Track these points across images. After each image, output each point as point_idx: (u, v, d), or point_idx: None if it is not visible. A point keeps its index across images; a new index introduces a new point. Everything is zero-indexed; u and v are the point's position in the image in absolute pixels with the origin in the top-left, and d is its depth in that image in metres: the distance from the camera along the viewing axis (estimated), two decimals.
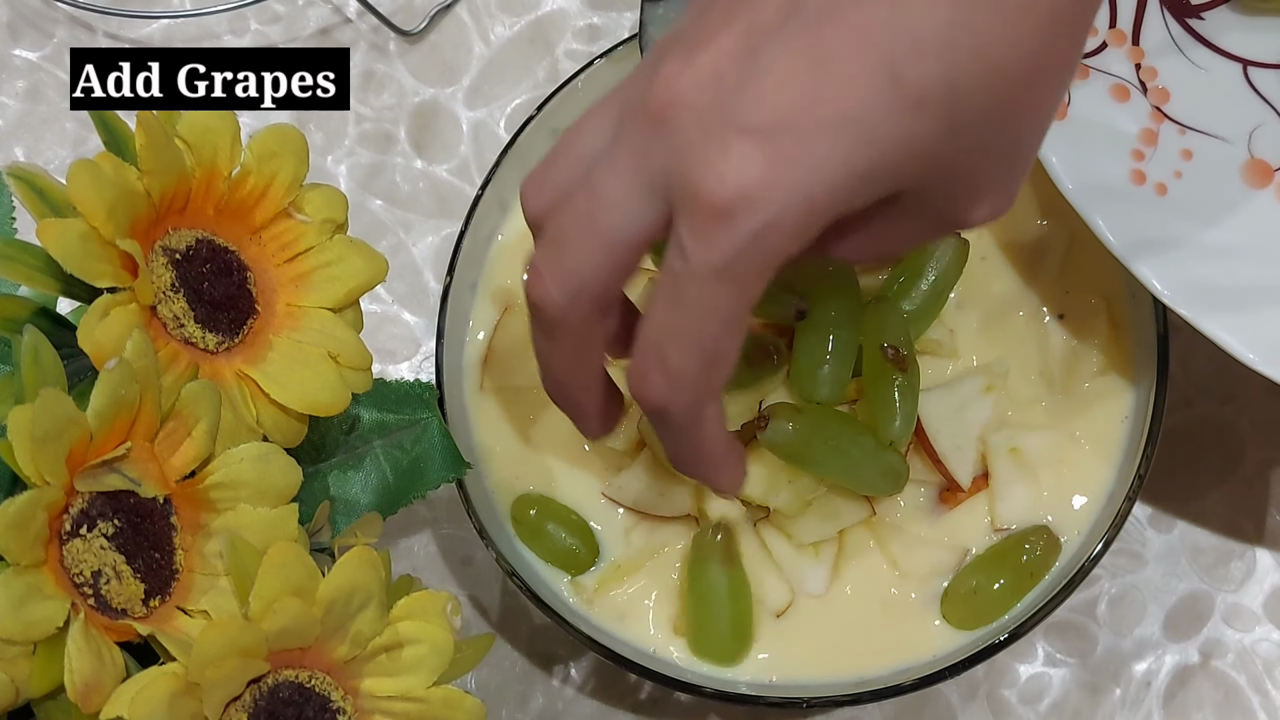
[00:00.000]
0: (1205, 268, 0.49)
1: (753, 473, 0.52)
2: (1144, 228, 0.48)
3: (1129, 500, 0.51)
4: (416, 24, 0.67)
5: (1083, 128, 0.50)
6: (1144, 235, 0.48)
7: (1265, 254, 0.50)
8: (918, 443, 0.53)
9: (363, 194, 0.65)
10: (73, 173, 0.38)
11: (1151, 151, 0.50)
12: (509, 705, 0.58)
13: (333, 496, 0.48)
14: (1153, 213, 0.49)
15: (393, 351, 0.63)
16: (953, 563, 0.52)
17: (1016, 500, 0.52)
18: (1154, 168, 0.50)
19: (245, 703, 0.38)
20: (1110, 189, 0.49)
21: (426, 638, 0.40)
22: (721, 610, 0.52)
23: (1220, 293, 0.48)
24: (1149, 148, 0.50)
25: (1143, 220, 0.49)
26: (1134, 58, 0.51)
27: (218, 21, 0.68)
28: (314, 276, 0.44)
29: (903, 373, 0.50)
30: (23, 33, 0.69)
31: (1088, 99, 0.50)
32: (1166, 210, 0.49)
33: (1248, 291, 0.49)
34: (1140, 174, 0.49)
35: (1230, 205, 0.50)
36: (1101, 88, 0.51)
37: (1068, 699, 0.57)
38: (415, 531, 0.60)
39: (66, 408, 0.36)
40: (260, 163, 0.43)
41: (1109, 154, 0.50)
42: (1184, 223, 0.49)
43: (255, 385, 0.42)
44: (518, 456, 0.55)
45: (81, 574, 0.37)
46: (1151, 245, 0.48)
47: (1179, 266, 0.48)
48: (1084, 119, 0.50)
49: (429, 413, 0.50)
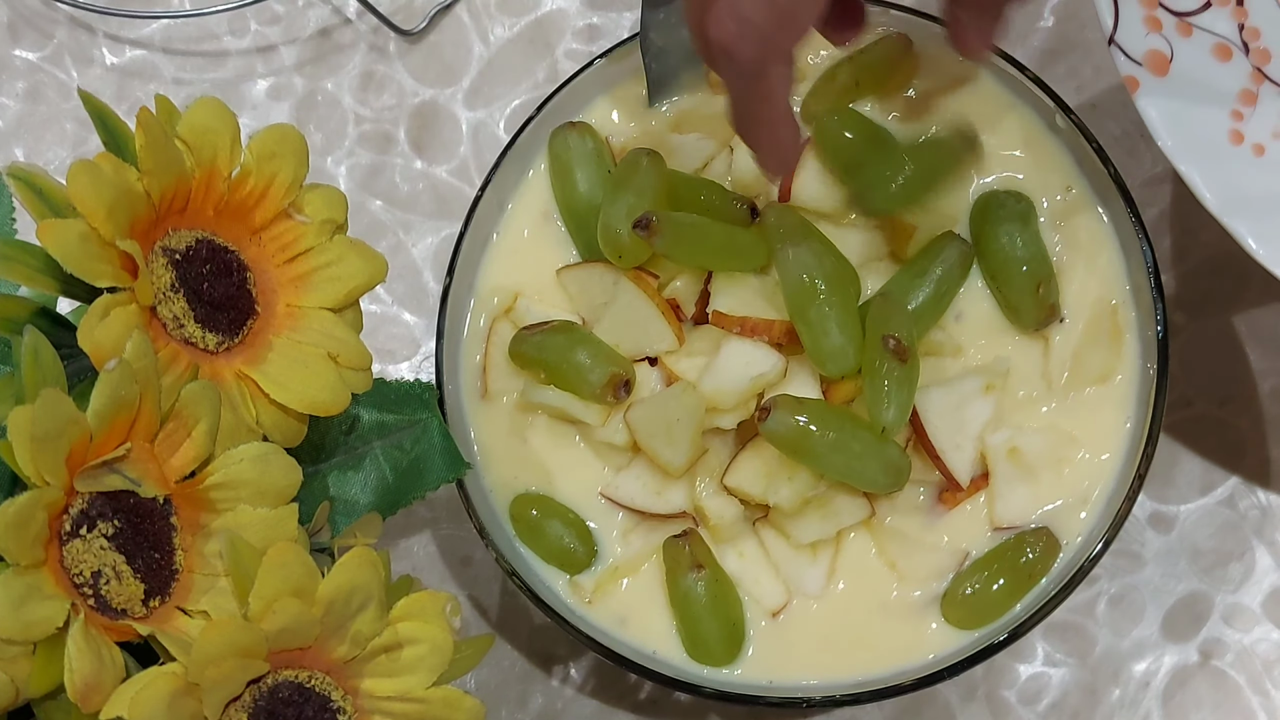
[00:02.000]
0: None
1: (751, 469, 0.52)
2: (1240, 186, 0.49)
3: (1128, 500, 0.51)
4: (416, 24, 0.67)
5: (1182, 84, 0.50)
6: (1240, 193, 0.48)
7: None
8: (918, 441, 0.53)
9: (362, 194, 0.65)
10: (72, 173, 0.38)
11: (1250, 112, 0.50)
12: (509, 705, 0.58)
13: (332, 497, 0.48)
14: (1250, 172, 0.49)
15: (392, 352, 0.63)
16: (952, 565, 0.52)
17: (1016, 500, 0.52)
18: (1253, 128, 0.50)
19: (245, 703, 0.38)
20: (1208, 146, 0.49)
21: (426, 638, 0.40)
22: (705, 615, 0.52)
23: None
24: (1248, 108, 0.50)
25: (1239, 179, 0.49)
26: (1238, 17, 0.51)
27: (217, 22, 0.68)
28: (314, 277, 0.44)
29: (902, 364, 0.50)
30: (23, 33, 0.69)
31: (1189, 56, 0.50)
32: (1264, 170, 0.49)
33: None
34: (1238, 134, 0.49)
35: None
36: (1204, 46, 0.51)
37: (1067, 699, 0.57)
38: (415, 532, 0.60)
39: (66, 408, 0.36)
40: (260, 163, 0.43)
41: (1208, 112, 0.50)
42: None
43: (255, 385, 0.42)
44: (517, 456, 0.55)
45: (81, 574, 0.37)
46: (1248, 204, 0.48)
47: (1274, 226, 0.48)
48: (1184, 76, 0.50)
49: (428, 413, 0.50)
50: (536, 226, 0.57)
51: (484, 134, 0.66)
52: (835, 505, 0.52)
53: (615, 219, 0.54)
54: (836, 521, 0.52)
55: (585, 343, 0.53)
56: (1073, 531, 0.52)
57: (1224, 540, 0.58)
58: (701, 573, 0.52)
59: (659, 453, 0.52)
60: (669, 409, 0.52)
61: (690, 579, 0.52)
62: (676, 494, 0.53)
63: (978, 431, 0.53)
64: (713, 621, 0.52)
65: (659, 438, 0.52)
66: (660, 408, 0.52)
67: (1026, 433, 0.53)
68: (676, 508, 0.53)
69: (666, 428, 0.52)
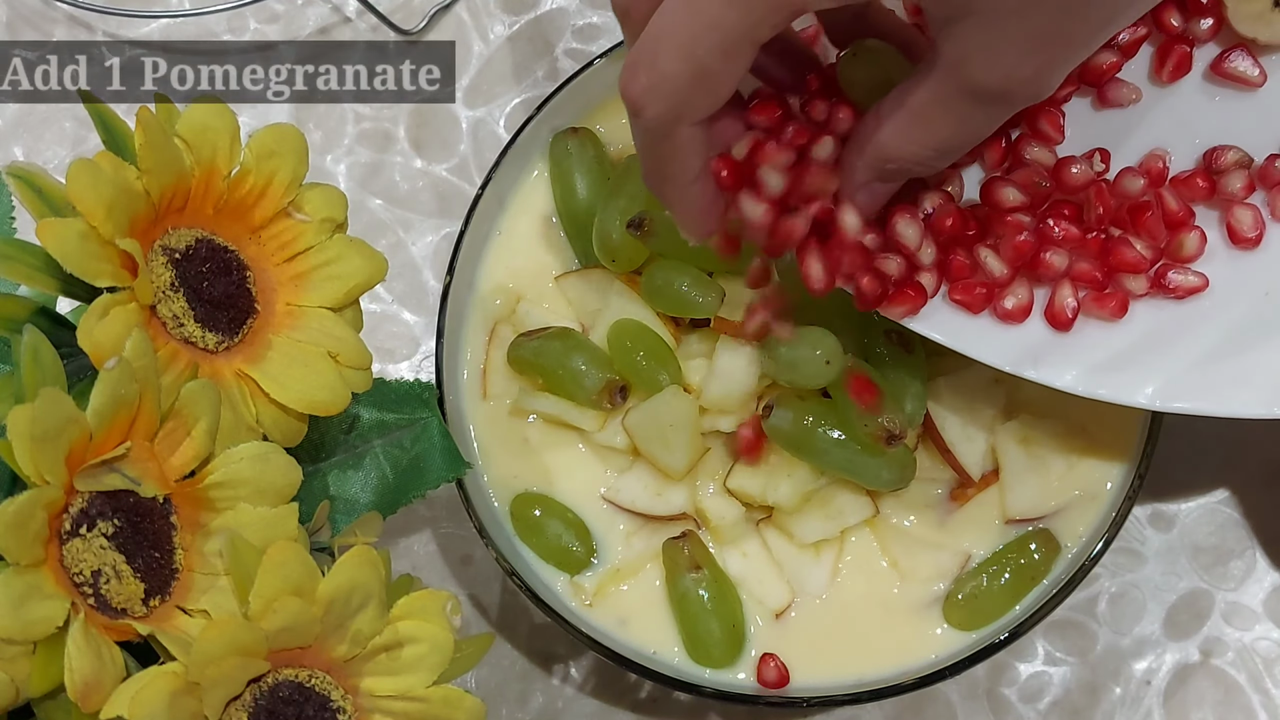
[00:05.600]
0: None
1: (749, 469, 0.52)
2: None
3: (1129, 499, 0.51)
4: (416, 23, 0.67)
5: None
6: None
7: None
8: (927, 435, 0.53)
9: (362, 193, 0.65)
10: (72, 172, 0.38)
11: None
12: (509, 704, 0.58)
13: (332, 496, 0.48)
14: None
15: (392, 351, 0.63)
16: (954, 567, 0.52)
17: (1027, 491, 0.52)
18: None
19: (245, 702, 0.38)
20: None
21: (426, 637, 0.40)
22: (704, 616, 0.52)
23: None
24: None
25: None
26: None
27: (216, 20, 0.68)
28: (313, 276, 0.44)
29: (908, 354, 0.50)
30: (22, 32, 0.69)
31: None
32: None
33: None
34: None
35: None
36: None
37: (1068, 697, 0.57)
38: (415, 531, 0.60)
39: (66, 407, 0.36)
40: (259, 161, 0.43)
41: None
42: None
43: (255, 384, 0.42)
44: (517, 456, 0.55)
45: (81, 573, 0.37)
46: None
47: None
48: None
49: (428, 412, 0.50)
50: (537, 225, 0.57)
51: (483, 132, 0.66)
52: (839, 504, 0.52)
53: (609, 224, 0.54)
54: (840, 521, 0.52)
55: (582, 349, 0.54)
56: (1074, 529, 0.52)
57: (1224, 539, 0.58)
58: (700, 574, 0.52)
59: (659, 457, 0.52)
60: (663, 414, 0.52)
61: (689, 580, 0.52)
62: (677, 495, 0.53)
63: (988, 423, 0.52)
64: (713, 622, 0.52)
65: (656, 442, 0.52)
66: (654, 413, 0.52)
67: (1037, 424, 0.53)
68: (677, 509, 0.53)
69: (662, 433, 0.52)
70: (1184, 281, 0.48)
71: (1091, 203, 0.48)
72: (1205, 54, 0.49)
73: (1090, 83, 0.49)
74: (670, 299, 0.53)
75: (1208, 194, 0.48)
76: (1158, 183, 0.48)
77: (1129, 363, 0.48)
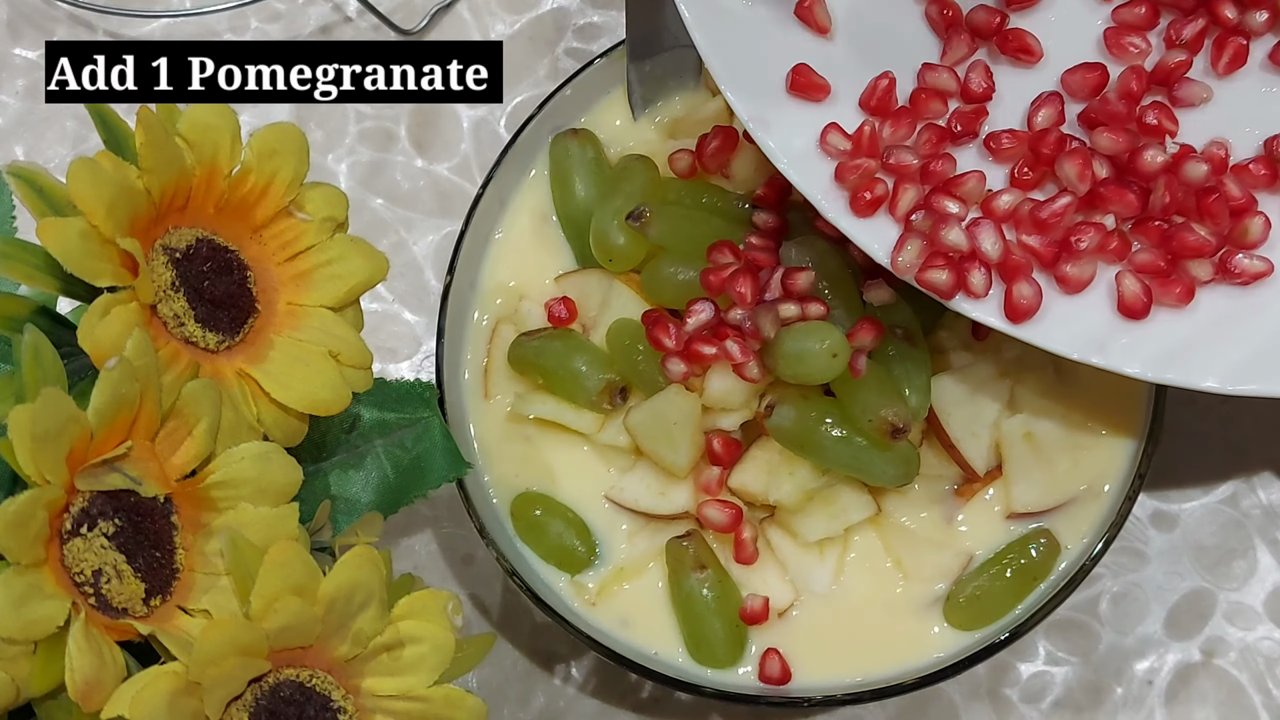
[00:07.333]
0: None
1: (752, 467, 0.52)
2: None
3: (1129, 499, 0.51)
4: (416, 23, 0.67)
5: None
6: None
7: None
8: (931, 431, 0.53)
9: (363, 192, 0.65)
10: (72, 171, 0.38)
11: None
12: (510, 704, 0.58)
13: (333, 495, 0.48)
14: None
15: (393, 350, 0.63)
16: (957, 567, 0.52)
17: (1031, 487, 0.52)
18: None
19: (246, 702, 0.38)
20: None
21: (428, 637, 0.40)
22: (708, 616, 0.52)
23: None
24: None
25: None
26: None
27: (218, 20, 0.68)
28: (314, 275, 0.44)
29: (913, 347, 0.50)
30: (22, 31, 0.69)
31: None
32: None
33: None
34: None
35: None
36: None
37: (1070, 697, 0.57)
38: (416, 530, 0.60)
39: (67, 407, 0.36)
40: (261, 161, 0.43)
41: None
42: None
43: (256, 384, 0.42)
44: (518, 456, 0.55)
45: (82, 573, 0.37)
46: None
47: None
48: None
49: (430, 412, 0.50)
50: (538, 225, 0.57)
51: (485, 132, 0.66)
52: (842, 502, 0.52)
53: (605, 223, 0.54)
54: (844, 519, 0.52)
55: (582, 349, 0.53)
56: (1075, 531, 0.52)
57: (1227, 538, 0.58)
58: (705, 573, 0.52)
59: (662, 456, 0.52)
60: (665, 413, 0.51)
61: (693, 580, 0.52)
62: (680, 494, 0.53)
63: (993, 418, 0.52)
64: (716, 621, 0.52)
65: (659, 441, 0.52)
66: (656, 412, 0.52)
67: (1042, 418, 0.52)
68: (680, 508, 0.53)
69: (665, 431, 0.51)
70: (1250, 266, 0.48)
71: (1161, 191, 0.48)
72: (1261, 45, 0.50)
73: (1161, 83, 0.50)
74: (672, 291, 0.53)
75: (1269, 181, 0.49)
76: (1219, 171, 0.49)
77: (1195, 347, 0.48)
